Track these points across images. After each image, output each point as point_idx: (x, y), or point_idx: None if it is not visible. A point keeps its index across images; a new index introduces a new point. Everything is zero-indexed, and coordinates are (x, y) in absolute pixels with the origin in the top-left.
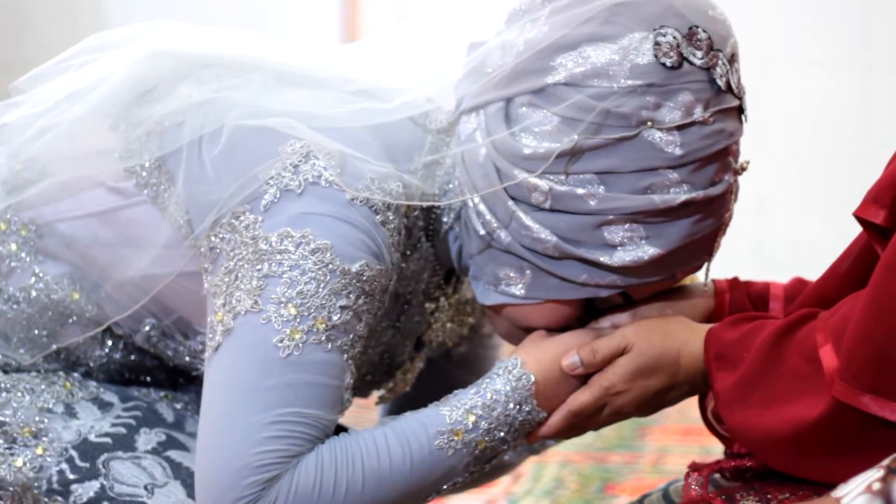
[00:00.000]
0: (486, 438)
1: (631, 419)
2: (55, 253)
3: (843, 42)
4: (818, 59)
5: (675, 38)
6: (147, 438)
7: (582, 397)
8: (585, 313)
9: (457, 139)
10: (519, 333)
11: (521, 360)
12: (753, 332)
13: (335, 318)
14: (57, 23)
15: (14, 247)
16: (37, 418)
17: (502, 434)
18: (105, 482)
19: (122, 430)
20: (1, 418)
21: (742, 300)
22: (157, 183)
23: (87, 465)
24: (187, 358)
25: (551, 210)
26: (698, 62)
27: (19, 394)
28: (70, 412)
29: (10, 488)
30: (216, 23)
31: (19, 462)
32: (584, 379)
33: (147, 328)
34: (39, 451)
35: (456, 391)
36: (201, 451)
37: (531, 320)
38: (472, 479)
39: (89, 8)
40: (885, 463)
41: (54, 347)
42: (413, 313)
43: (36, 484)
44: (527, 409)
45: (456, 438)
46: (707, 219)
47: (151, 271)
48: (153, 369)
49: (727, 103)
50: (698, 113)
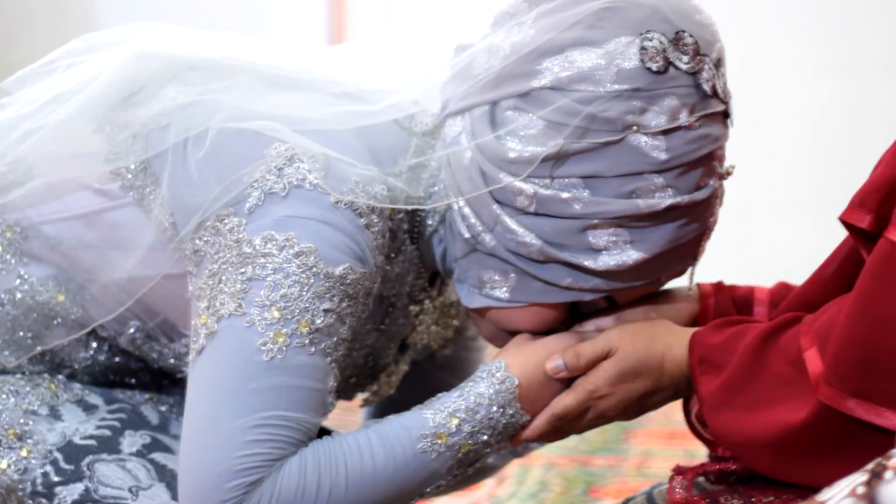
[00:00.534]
0: (470, 441)
1: (615, 423)
2: (40, 255)
3: (831, 46)
4: (806, 63)
5: (661, 42)
6: (132, 441)
7: (565, 401)
8: (570, 317)
9: (442, 142)
10: (503, 336)
11: (505, 363)
12: (737, 335)
13: (319, 321)
14: (45, 24)
15: None
16: (21, 420)
17: (485, 437)
18: (90, 484)
19: (107, 432)
20: None
21: (726, 304)
22: (143, 185)
23: (71, 467)
24: (172, 360)
25: (536, 214)
26: (684, 67)
27: (4, 396)
28: (55, 414)
29: None
30: (203, 24)
31: (4, 464)
32: (567, 382)
33: (132, 330)
34: (24, 453)
35: (439, 394)
36: (185, 455)
37: (515, 323)
38: (456, 481)
39: (78, 9)
40: (869, 467)
41: (39, 349)
42: (397, 316)
43: (20, 486)
44: (510, 412)
45: (439, 442)
46: (692, 223)
47: (136, 273)
48: (138, 371)
49: (713, 108)
50: (684, 118)
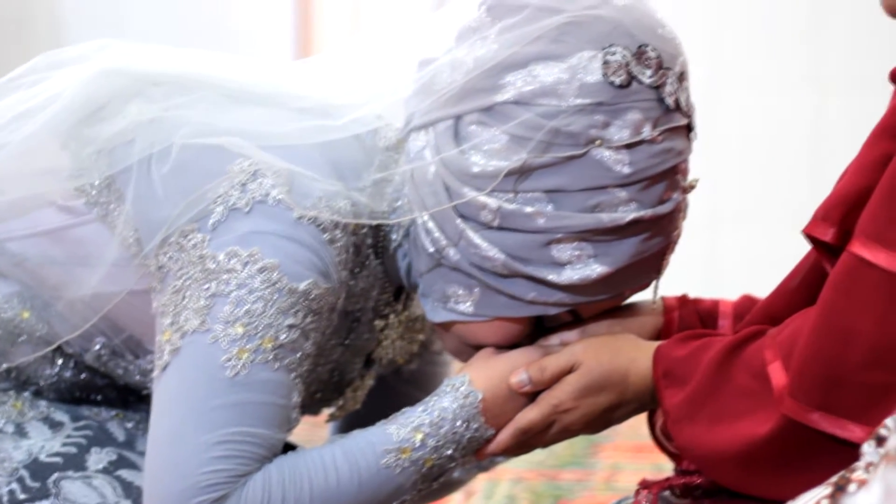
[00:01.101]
0: (434, 456)
1: (583, 437)
2: (5, 272)
3: (795, 60)
4: (770, 77)
5: (624, 56)
6: (98, 458)
7: (530, 415)
8: (534, 331)
9: (406, 156)
10: (468, 351)
11: (469, 377)
12: (702, 349)
13: (282, 337)
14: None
15: None
16: None
17: (450, 452)
18: (56, 502)
19: (73, 449)
20: None
21: (691, 317)
22: (107, 201)
23: (37, 484)
24: (138, 377)
25: (500, 228)
26: (647, 81)
27: None
28: (20, 432)
29: None
30: (169, 38)
31: None
32: (532, 396)
33: (97, 347)
34: None
35: (404, 409)
36: (149, 471)
37: (480, 338)
38: (421, 496)
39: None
40: (833, 480)
41: (4, 366)
42: (362, 331)
43: None
44: (474, 426)
45: (403, 456)
46: (655, 237)
47: (101, 290)
48: (104, 388)
49: (676, 122)
50: (647, 131)
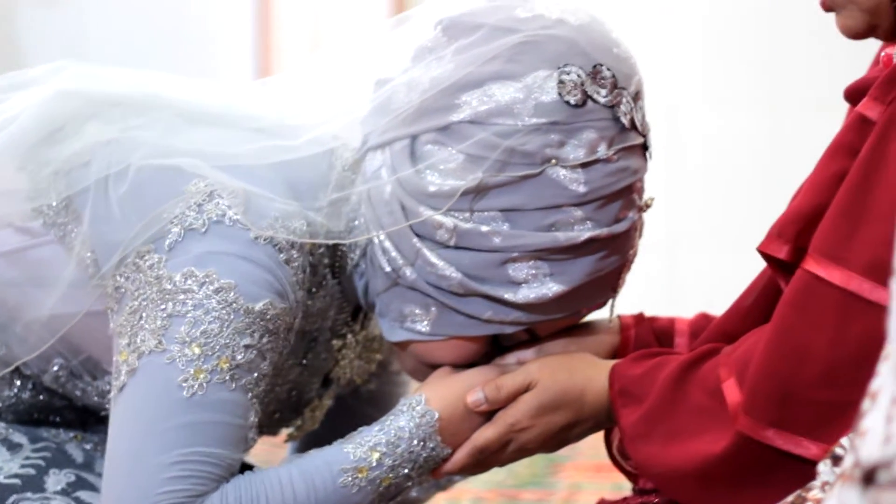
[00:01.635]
0: (391, 475)
1: (543, 456)
2: None
3: (749, 81)
4: (726, 97)
5: (579, 76)
6: (56, 479)
7: (486, 433)
8: (491, 349)
9: (362, 176)
10: (425, 370)
11: (426, 396)
12: (657, 367)
13: (239, 357)
14: None
15: None
16: None
17: (407, 471)
18: None
19: (32, 471)
20: None
21: (647, 336)
22: (65, 222)
23: None
24: (96, 398)
25: (456, 247)
26: (602, 100)
27: None
28: None
29: None
30: (128, 59)
31: None
32: (488, 415)
33: (55, 368)
34: None
35: (360, 428)
36: (106, 492)
37: (437, 357)
38: None
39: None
40: (789, 500)
41: None
42: (320, 350)
43: None
44: (431, 445)
45: (360, 476)
46: (611, 256)
47: (59, 311)
48: (62, 409)
49: (631, 141)
50: (602, 151)
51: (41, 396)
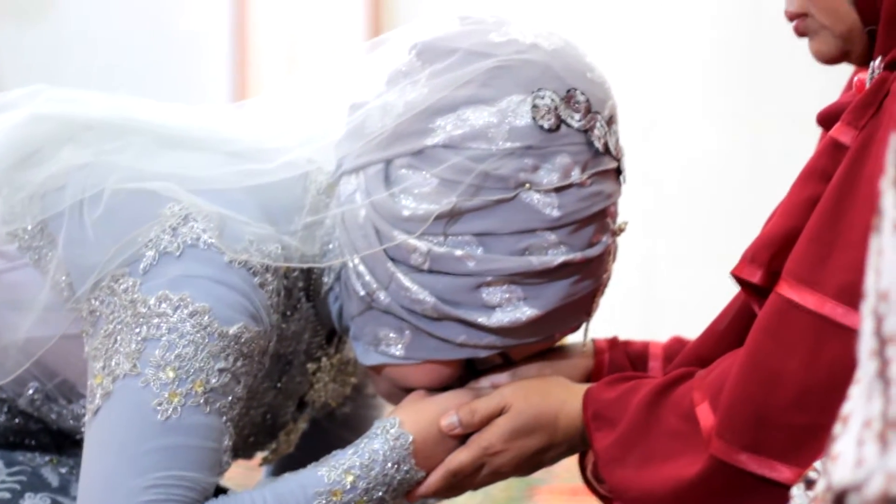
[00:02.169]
0: (365, 498)
1: (519, 479)
2: None
3: (730, 99)
4: (706, 116)
5: (552, 100)
6: (32, 503)
7: (460, 457)
8: (465, 373)
9: (337, 200)
10: (399, 393)
11: (400, 419)
12: (631, 391)
13: (214, 380)
14: None
15: None
16: None
17: (381, 493)
18: None
19: (7, 494)
20: None
21: (621, 360)
22: (40, 246)
23: None
24: (71, 421)
25: (430, 271)
26: (576, 124)
27: None
28: None
29: None
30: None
31: None
32: (463, 438)
33: (31, 392)
34: None
35: (334, 451)
36: None
37: (411, 380)
38: None
39: None
40: None
41: None
42: (295, 374)
43: None
44: (405, 468)
45: (334, 499)
46: (585, 280)
47: (34, 334)
48: (37, 433)
49: (605, 165)
50: (576, 175)
51: (16, 420)
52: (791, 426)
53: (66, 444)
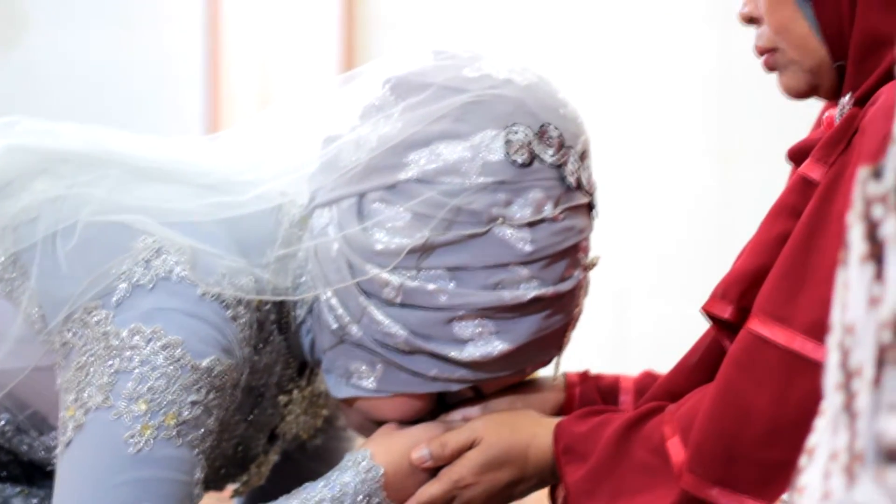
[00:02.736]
0: None
1: None
2: None
3: (702, 134)
4: (678, 152)
5: (526, 135)
6: None
7: (431, 490)
8: (437, 406)
9: (310, 233)
10: (371, 426)
11: (371, 452)
12: (602, 424)
13: (185, 413)
14: None
15: None
16: None
17: None
18: None
19: None
20: None
21: (592, 393)
22: (12, 278)
23: None
24: (42, 453)
25: (402, 305)
26: (549, 160)
27: None
28: None
29: None
30: (78, 114)
31: None
32: (434, 472)
33: (2, 423)
34: None
35: (305, 484)
36: None
37: (383, 413)
38: None
39: None
40: None
41: None
42: (266, 406)
43: None
44: (376, 500)
45: None
46: (556, 314)
47: (6, 366)
48: (8, 464)
49: (577, 200)
50: (548, 210)
51: None
52: (761, 461)
53: (37, 475)
